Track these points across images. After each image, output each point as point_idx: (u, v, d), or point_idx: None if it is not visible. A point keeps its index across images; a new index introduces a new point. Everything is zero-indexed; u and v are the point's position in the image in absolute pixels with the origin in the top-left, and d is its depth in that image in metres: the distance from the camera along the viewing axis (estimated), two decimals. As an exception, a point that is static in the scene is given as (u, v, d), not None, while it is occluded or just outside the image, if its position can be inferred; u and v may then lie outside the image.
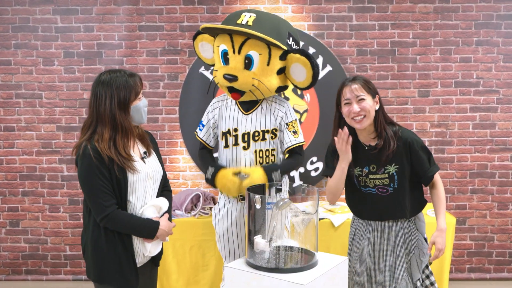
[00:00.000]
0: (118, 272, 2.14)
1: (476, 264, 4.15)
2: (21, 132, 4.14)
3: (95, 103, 2.15)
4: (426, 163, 2.43)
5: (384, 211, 2.45)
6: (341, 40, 4.02)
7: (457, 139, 4.08)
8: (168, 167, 4.12)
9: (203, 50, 2.92)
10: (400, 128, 2.46)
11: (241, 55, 2.68)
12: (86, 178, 2.10)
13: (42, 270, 4.23)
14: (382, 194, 2.44)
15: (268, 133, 2.84)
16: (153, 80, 4.07)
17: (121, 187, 2.13)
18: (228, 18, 2.78)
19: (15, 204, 4.18)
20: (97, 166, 2.07)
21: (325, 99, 3.95)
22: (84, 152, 2.09)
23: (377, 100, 2.42)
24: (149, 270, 2.31)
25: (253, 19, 2.69)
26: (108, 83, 2.14)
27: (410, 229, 2.45)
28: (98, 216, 2.10)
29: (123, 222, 2.12)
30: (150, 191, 2.26)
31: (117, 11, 4.04)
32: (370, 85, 2.41)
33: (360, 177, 2.48)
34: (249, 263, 2.03)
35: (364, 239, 2.52)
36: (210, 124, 2.89)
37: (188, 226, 3.42)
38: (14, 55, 4.08)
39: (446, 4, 3.98)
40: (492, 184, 4.10)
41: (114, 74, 2.18)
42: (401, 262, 2.42)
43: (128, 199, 2.17)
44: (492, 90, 4.03)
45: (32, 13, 4.05)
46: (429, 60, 4.02)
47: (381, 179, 2.42)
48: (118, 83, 2.15)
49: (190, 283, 3.44)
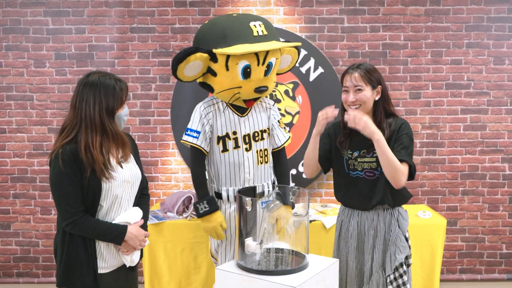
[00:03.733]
0: (78, 278, 2.11)
1: (467, 265, 4.18)
2: (12, 134, 4.12)
3: (80, 106, 2.10)
4: (403, 148, 2.36)
5: (368, 196, 2.46)
6: (333, 42, 4.04)
7: (448, 141, 4.10)
8: (160, 169, 4.11)
9: (191, 69, 2.70)
10: (397, 118, 2.47)
11: (265, 65, 2.70)
12: (55, 184, 2.07)
13: (33, 273, 4.21)
14: (369, 178, 2.46)
15: (265, 132, 2.91)
16: (145, 82, 4.07)
17: (94, 192, 2.09)
18: (240, 33, 2.64)
19: (6, 206, 4.16)
20: (68, 173, 2.03)
21: (317, 101, 3.96)
22: (57, 156, 2.05)
23: (379, 90, 2.43)
24: (124, 275, 2.28)
25: (263, 27, 2.71)
26: (97, 87, 2.11)
27: (391, 224, 2.46)
28: (64, 222, 2.08)
29: (89, 228, 2.09)
30: (127, 195, 2.22)
31: (109, 13, 4.03)
32: (373, 75, 2.41)
33: (349, 160, 2.50)
34: (240, 266, 2.04)
35: (349, 230, 2.53)
36: (205, 129, 2.80)
37: (180, 229, 3.41)
38: (5, 57, 4.07)
39: (437, 6, 4.01)
40: (483, 186, 4.12)
41: (103, 78, 2.14)
42: (377, 254, 2.45)
43: (100, 204, 2.13)
44: (483, 92, 4.06)
45: (23, 15, 4.03)
46: (420, 62, 4.04)
47: (370, 162, 2.44)
48: (106, 89, 2.11)
49: (181, 285, 3.44)
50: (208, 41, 2.69)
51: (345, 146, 2.52)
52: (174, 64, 2.63)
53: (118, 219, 2.18)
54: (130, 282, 2.34)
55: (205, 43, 2.70)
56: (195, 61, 2.66)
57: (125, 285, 2.30)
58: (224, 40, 2.63)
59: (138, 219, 2.25)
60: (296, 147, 4.00)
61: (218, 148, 2.83)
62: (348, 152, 2.51)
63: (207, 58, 2.68)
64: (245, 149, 2.83)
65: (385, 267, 2.44)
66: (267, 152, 2.93)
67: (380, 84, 2.44)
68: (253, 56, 2.64)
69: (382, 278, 2.44)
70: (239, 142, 2.82)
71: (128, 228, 2.17)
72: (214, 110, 2.83)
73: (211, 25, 2.75)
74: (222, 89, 2.75)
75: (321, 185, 4.13)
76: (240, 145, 2.82)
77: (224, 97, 2.80)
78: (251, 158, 2.84)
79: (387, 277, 2.42)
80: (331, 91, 3.94)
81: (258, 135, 2.88)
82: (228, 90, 2.73)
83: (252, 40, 2.63)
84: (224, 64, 2.66)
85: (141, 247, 2.25)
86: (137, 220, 2.24)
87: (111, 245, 2.18)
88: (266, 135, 2.92)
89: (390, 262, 2.42)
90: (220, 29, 2.67)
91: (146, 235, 2.27)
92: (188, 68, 2.68)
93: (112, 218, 2.18)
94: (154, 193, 4.12)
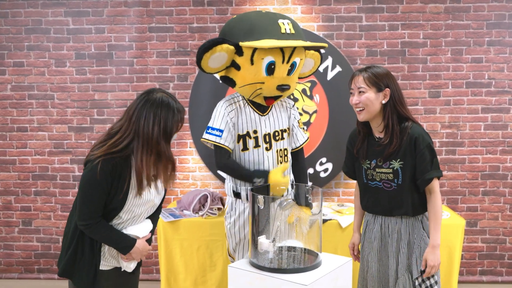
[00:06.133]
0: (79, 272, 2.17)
1: (488, 266, 4.10)
2: (34, 133, 4.20)
3: (138, 120, 2.09)
4: (428, 164, 2.35)
5: (388, 206, 2.44)
6: (351, 40, 4.01)
7: (468, 140, 4.03)
8: (178, 168, 4.14)
9: (216, 60, 2.69)
10: (413, 124, 2.40)
11: (289, 63, 2.70)
12: (85, 186, 2.09)
13: (54, 269, 4.28)
14: (387, 189, 2.43)
15: (286, 132, 2.90)
16: (163, 81, 4.10)
17: (117, 203, 2.13)
18: (268, 29, 2.64)
19: (28, 203, 4.24)
20: (101, 182, 2.05)
21: (335, 100, 3.94)
22: (97, 163, 2.05)
23: (386, 93, 2.38)
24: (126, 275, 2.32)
25: (291, 26, 2.71)
26: (158, 106, 2.11)
27: (415, 227, 2.43)
28: (80, 222, 2.11)
29: (101, 234, 2.14)
30: (145, 213, 2.29)
31: (128, 12, 4.07)
32: (379, 78, 2.38)
33: (368, 170, 2.49)
34: (252, 263, 2.04)
35: (373, 232, 2.53)
36: (229, 127, 2.76)
37: (196, 226, 3.43)
38: (27, 57, 4.14)
39: (457, 4, 3.94)
40: (504, 186, 4.04)
41: (166, 99, 2.14)
42: (402, 258, 2.42)
43: (119, 215, 2.18)
44: (504, 91, 3.99)
45: (45, 15, 4.11)
46: (440, 60, 3.99)
47: (386, 173, 2.41)
48: (167, 111, 2.12)
49: (197, 283, 3.45)
50: (234, 35, 2.68)
51: (362, 155, 2.50)
52: (200, 53, 2.61)
53: (129, 230, 2.23)
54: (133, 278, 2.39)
55: (231, 37, 2.68)
56: (221, 53, 2.63)
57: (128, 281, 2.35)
58: (252, 34, 2.63)
59: (146, 233, 2.30)
60: (313, 146, 3.98)
61: (238, 147, 2.82)
62: (366, 162, 2.49)
63: (232, 51, 2.66)
64: (265, 148, 2.82)
65: (412, 270, 2.41)
66: (286, 152, 2.92)
67: (389, 87, 2.38)
68: (279, 53, 2.63)
69: (408, 281, 2.41)
70: (260, 141, 2.81)
71: (136, 243, 2.22)
72: (236, 108, 2.80)
73: (239, 19, 2.76)
74: (245, 83, 2.73)
75: (338, 185, 4.11)
76: (261, 144, 2.81)
77: (245, 92, 2.78)
78: (271, 158, 2.83)
79: (415, 280, 2.40)
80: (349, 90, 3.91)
81: (279, 135, 2.86)
82: (251, 85, 2.71)
83: (279, 36, 2.63)
84: (250, 57, 2.65)
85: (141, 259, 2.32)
86: (145, 234, 2.29)
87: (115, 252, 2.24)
88: (286, 135, 2.91)
89: (416, 265, 2.40)
90: (248, 23, 2.67)
91: (149, 249, 2.33)
92: (212, 59, 2.65)
93: (125, 227, 2.23)
94: (172, 191, 4.15)
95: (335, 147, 3.98)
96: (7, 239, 4.27)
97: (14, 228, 4.26)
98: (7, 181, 4.23)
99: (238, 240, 2.91)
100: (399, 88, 2.43)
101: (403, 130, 2.38)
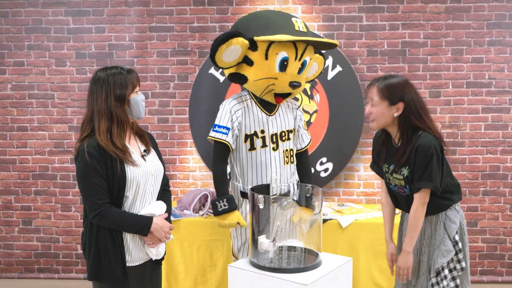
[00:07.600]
0: (107, 270, 2.15)
1: (488, 266, 4.10)
2: (34, 132, 4.20)
3: (91, 99, 2.18)
4: (421, 172, 2.30)
5: (407, 209, 2.47)
6: (351, 40, 4.01)
7: (468, 140, 4.03)
8: (178, 167, 4.14)
9: (230, 54, 2.66)
10: (423, 133, 2.32)
11: (300, 61, 2.73)
12: (81, 176, 2.11)
13: (54, 269, 4.28)
14: (402, 194, 2.47)
15: (292, 133, 2.92)
16: (163, 80, 4.10)
17: (119, 182, 2.13)
18: (283, 25, 2.68)
19: (28, 203, 4.24)
20: (93, 165, 2.07)
21: (335, 100, 3.94)
22: (82, 150, 2.10)
23: (399, 107, 2.32)
24: (149, 270, 2.31)
25: (303, 25, 2.76)
26: (104, 79, 2.17)
27: (437, 228, 2.43)
28: (91, 214, 2.11)
29: (115, 219, 2.12)
30: (150, 188, 2.25)
31: (128, 12, 4.07)
32: (393, 91, 2.32)
33: (386, 174, 2.51)
34: (252, 263, 2.04)
35: (402, 230, 2.61)
36: (233, 126, 2.76)
37: (196, 226, 3.43)
38: (27, 56, 4.14)
39: (457, 4, 3.94)
40: (505, 186, 4.04)
41: (110, 70, 2.21)
42: (424, 257, 2.45)
43: (125, 195, 2.16)
44: (505, 91, 3.98)
45: (45, 15, 4.10)
46: (440, 60, 3.99)
47: (399, 179, 2.43)
48: (115, 79, 2.17)
49: (197, 283, 3.45)
50: (249, 30, 2.69)
51: (382, 157, 2.52)
52: (216, 45, 2.60)
53: (144, 211, 2.21)
54: (155, 276, 2.37)
55: (246, 32, 2.68)
56: (236, 46, 2.63)
57: (150, 279, 2.33)
58: (267, 29, 2.65)
59: (162, 212, 2.28)
60: (313, 146, 3.98)
61: (245, 147, 2.81)
62: (385, 165, 2.51)
63: (246, 46, 2.66)
64: (272, 149, 2.82)
65: (430, 269, 2.44)
66: (292, 152, 2.93)
67: (403, 100, 2.32)
68: (292, 50, 2.67)
69: (426, 282, 2.44)
70: (267, 141, 2.81)
71: (153, 220, 2.19)
72: (243, 107, 2.80)
73: (253, 16, 2.80)
74: (258, 78, 2.72)
75: (339, 184, 4.10)
76: (268, 144, 2.81)
77: (257, 88, 2.76)
78: (278, 158, 2.84)
79: (431, 279, 2.42)
80: (349, 90, 3.92)
81: (285, 135, 2.87)
82: (264, 80, 2.71)
83: (293, 33, 2.66)
84: (264, 52, 2.66)
85: (166, 239, 2.27)
86: (161, 212, 2.27)
87: (137, 237, 2.21)
88: (292, 136, 2.92)
89: (433, 266, 2.42)
90: (264, 19, 2.70)
91: (171, 227, 2.29)
92: (227, 52, 2.64)
93: (138, 210, 2.21)
94: (172, 191, 4.15)
95: (336, 147, 3.98)
96: (7, 239, 4.27)
97: (14, 228, 4.26)
98: (7, 180, 4.23)
99: (244, 240, 2.91)
100: (417, 98, 2.35)
101: (412, 140, 2.34)
